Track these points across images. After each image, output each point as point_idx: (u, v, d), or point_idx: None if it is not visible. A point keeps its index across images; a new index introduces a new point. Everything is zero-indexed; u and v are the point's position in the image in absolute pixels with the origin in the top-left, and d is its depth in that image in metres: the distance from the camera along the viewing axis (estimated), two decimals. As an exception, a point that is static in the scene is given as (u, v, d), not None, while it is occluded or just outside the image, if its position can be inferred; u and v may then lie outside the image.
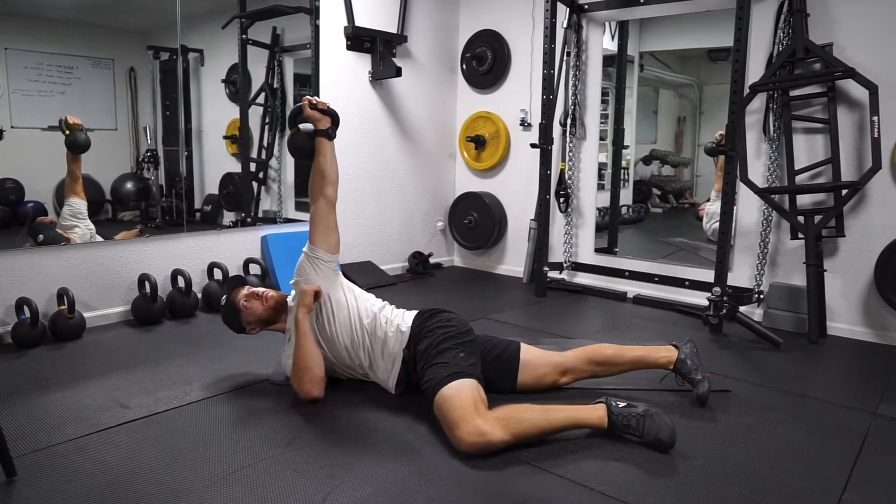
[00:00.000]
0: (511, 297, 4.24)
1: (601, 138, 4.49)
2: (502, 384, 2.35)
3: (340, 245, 2.45)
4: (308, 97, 2.41)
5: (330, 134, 2.39)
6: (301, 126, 2.42)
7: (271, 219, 4.37)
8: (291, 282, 2.43)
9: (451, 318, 2.33)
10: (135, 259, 3.45)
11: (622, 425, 2.02)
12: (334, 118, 2.42)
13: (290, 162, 4.30)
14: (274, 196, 4.42)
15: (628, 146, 4.91)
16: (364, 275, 4.35)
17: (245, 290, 2.50)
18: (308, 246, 2.38)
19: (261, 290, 2.50)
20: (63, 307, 3.04)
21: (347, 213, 4.42)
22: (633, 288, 4.21)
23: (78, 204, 3.37)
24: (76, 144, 3.32)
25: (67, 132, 3.28)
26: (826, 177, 3.40)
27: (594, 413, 2.05)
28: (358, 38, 4.33)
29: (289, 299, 2.47)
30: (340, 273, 2.47)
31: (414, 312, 2.40)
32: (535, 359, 2.39)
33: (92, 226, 3.41)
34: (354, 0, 4.25)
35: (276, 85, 4.31)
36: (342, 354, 2.36)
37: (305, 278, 2.35)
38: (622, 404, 2.06)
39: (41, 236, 3.20)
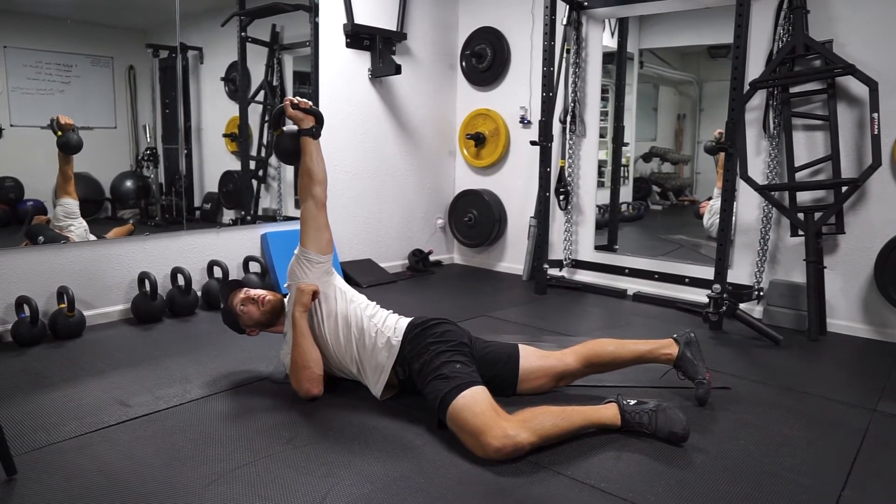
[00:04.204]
0: (511, 294, 4.24)
1: (601, 135, 4.49)
2: (499, 393, 2.30)
3: (339, 243, 2.43)
4: (289, 97, 2.37)
5: (314, 133, 2.35)
6: (285, 128, 2.40)
7: (271, 217, 4.36)
8: (286, 285, 2.42)
9: (446, 330, 2.24)
10: (135, 257, 3.45)
11: (635, 422, 2.05)
12: (318, 117, 2.38)
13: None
14: (274, 194, 4.41)
15: (628, 143, 4.90)
16: (364, 273, 4.35)
17: (241, 295, 2.48)
18: (299, 248, 2.36)
19: (257, 293, 2.47)
20: (63, 305, 3.04)
21: (347, 211, 4.41)
22: (633, 285, 4.21)
23: (70, 204, 3.36)
24: (68, 145, 3.28)
25: (59, 133, 3.24)
26: (826, 174, 3.40)
27: (608, 412, 2.07)
28: (357, 36, 4.33)
29: (286, 301, 2.46)
30: (335, 274, 2.44)
31: (406, 322, 2.31)
32: (534, 371, 2.33)
33: (85, 224, 3.40)
34: (354, -3, 4.26)
35: (275, 83, 4.31)
36: (333, 357, 2.34)
37: (296, 282, 2.33)
38: (633, 402, 2.08)
39: (41, 238, 3.20)
